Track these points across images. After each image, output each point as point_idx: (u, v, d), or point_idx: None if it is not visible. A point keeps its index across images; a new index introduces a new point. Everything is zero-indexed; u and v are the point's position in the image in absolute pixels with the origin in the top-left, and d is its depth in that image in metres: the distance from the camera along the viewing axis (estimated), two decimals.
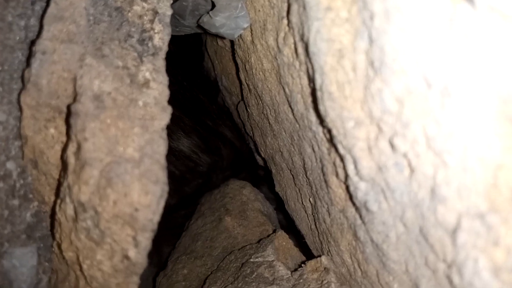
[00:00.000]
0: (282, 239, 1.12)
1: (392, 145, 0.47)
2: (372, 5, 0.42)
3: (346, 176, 0.61)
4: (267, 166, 1.35)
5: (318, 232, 0.96)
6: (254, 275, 0.96)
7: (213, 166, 1.51)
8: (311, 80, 0.63)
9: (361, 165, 0.54)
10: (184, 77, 1.55)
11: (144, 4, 0.76)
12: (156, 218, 0.58)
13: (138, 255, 0.59)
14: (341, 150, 0.57)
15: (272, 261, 0.99)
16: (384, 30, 0.42)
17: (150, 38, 0.75)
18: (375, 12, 0.42)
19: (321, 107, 0.57)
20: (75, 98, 0.59)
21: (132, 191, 0.57)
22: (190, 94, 1.53)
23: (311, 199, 0.94)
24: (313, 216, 0.96)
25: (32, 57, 0.59)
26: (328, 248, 0.91)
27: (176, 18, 1.03)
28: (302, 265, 0.96)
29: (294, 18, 0.63)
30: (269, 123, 1.05)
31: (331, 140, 0.59)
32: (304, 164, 0.89)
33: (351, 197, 0.63)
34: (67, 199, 0.59)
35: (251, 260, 1.04)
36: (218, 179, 1.56)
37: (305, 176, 0.92)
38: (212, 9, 0.91)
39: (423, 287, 0.54)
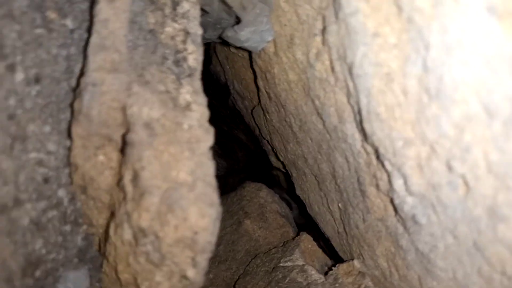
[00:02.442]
0: (308, 241, 1.15)
1: (448, 166, 0.49)
2: (428, 37, 0.45)
3: (391, 189, 0.63)
4: (285, 169, 1.38)
5: (348, 236, 0.99)
6: (287, 280, 0.99)
7: (230, 169, 1.53)
8: (352, 98, 0.65)
9: (411, 182, 0.56)
10: None
11: (175, 25, 0.78)
12: (214, 239, 0.61)
13: (197, 274, 0.62)
14: (388, 167, 0.59)
15: (303, 265, 1.02)
16: (442, 62, 0.44)
17: (185, 59, 0.76)
18: (431, 44, 0.44)
19: (366, 126, 0.59)
20: (128, 128, 0.61)
21: (191, 215, 0.59)
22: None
23: (340, 204, 0.96)
24: (342, 220, 0.99)
25: (83, 90, 0.60)
26: (359, 251, 0.94)
27: None
28: (333, 268, 0.99)
29: (332, 38, 0.65)
30: (292, 130, 1.07)
31: (377, 157, 0.62)
32: (334, 172, 0.91)
33: (395, 209, 0.66)
34: (125, 225, 0.61)
35: (281, 264, 1.07)
36: (235, 182, 1.58)
37: (334, 183, 0.95)
38: (237, 23, 0.93)
39: None
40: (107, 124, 0.63)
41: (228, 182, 1.57)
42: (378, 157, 0.61)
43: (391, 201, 0.66)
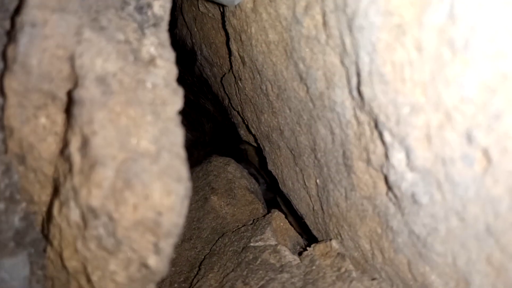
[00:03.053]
0: (280, 219, 1.08)
1: (468, 137, 0.41)
2: None
3: (386, 164, 0.55)
4: (256, 142, 1.29)
5: (324, 214, 0.92)
6: (258, 262, 0.91)
7: (195, 142, 1.42)
8: (347, 57, 0.56)
9: (415, 155, 0.48)
10: None
11: None
12: (181, 221, 0.51)
13: (160, 262, 0.51)
14: (388, 138, 0.51)
15: (276, 245, 0.94)
16: (479, 5, 0.35)
17: (149, 6, 0.64)
18: None
19: (365, 90, 0.51)
20: (76, 82, 0.48)
21: (154, 192, 0.48)
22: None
23: (318, 180, 0.89)
24: (319, 197, 0.91)
25: (19, 32, 0.47)
26: (338, 231, 0.87)
27: None
28: (308, 248, 0.92)
29: None
30: (268, 99, 0.97)
31: (375, 126, 0.53)
32: (314, 145, 0.83)
33: (388, 186, 0.58)
34: (71, 203, 0.50)
35: (251, 244, 0.99)
36: (200, 156, 1.48)
37: (313, 157, 0.87)
38: None
39: (477, 282, 0.51)
40: (50, 77, 0.50)
41: (193, 155, 1.45)
42: (376, 126, 0.53)
43: (385, 177, 0.58)
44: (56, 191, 0.54)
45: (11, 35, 0.50)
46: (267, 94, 0.96)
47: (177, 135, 0.54)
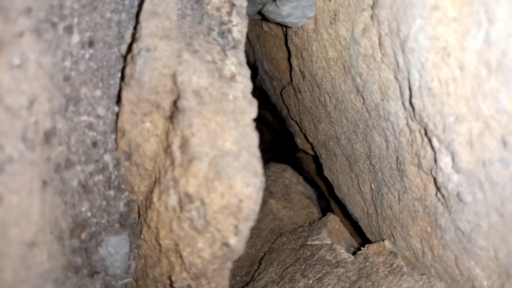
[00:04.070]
0: (335, 222, 1.16)
1: (503, 142, 0.49)
2: (494, 10, 0.44)
3: (435, 167, 0.63)
4: (312, 150, 1.38)
5: (378, 217, 0.99)
6: (315, 258, 1.00)
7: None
8: (400, 74, 0.64)
9: (459, 159, 0.56)
10: None
11: None
12: (257, 208, 0.61)
13: (238, 242, 0.63)
14: (436, 144, 0.59)
15: (332, 244, 1.03)
16: (508, 34, 0.43)
17: (229, 31, 0.76)
18: (497, 16, 0.44)
19: (416, 102, 0.59)
20: (178, 95, 0.61)
21: (236, 183, 0.60)
22: None
23: (373, 185, 0.96)
24: (373, 201, 0.99)
25: (137, 55, 0.61)
26: (390, 232, 0.94)
27: None
28: (362, 248, 1.00)
29: (384, 12, 0.64)
30: (326, 109, 1.06)
31: (425, 133, 0.61)
32: (369, 152, 0.91)
33: (437, 187, 0.66)
34: (171, 191, 0.62)
35: (309, 242, 1.08)
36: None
37: (368, 163, 0.95)
38: None
39: None
40: (157, 90, 0.64)
41: None
42: (426, 133, 0.61)
43: (434, 179, 0.66)
44: (155, 182, 0.67)
45: (128, 57, 0.64)
46: (325, 105, 1.05)
47: (253, 138, 0.65)
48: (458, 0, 0.50)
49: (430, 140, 0.60)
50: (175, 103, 0.61)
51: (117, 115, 0.67)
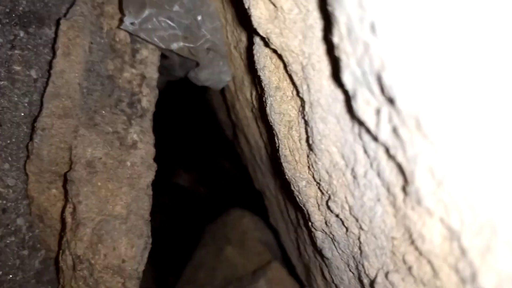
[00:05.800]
0: (276, 270, 1.20)
1: (328, 207, 0.55)
2: (303, 95, 0.51)
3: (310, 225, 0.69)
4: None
5: (302, 265, 1.04)
6: None
7: (212, 196, 1.60)
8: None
9: (314, 218, 0.62)
10: (186, 108, 1.66)
11: (133, 70, 0.87)
12: (141, 267, 0.68)
13: None
14: (300, 204, 0.65)
15: None
16: (312, 117, 0.50)
17: (139, 101, 0.85)
18: (306, 100, 0.51)
19: (283, 164, 0.66)
20: (70, 166, 0.69)
21: (120, 245, 0.66)
22: (192, 127, 1.65)
23: (293, 235, 1.02)
24: (298, 249, 1.04)
25: (34, 133, 0.69)
26: (310, 281, 0.98)
27: (168, 70, 1.14)
28: None
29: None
30: (257, 162, 1.13)
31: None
32: (285, 204, 0.97)
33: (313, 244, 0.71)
34: (67, 252, 0.69)
35: None
36: (218, 208, 1.65)
37: (287, 214, 1.01)
38: (198, 65, 1.02)
39: None
40: (56, 162, 0.72)
41: (210, 208, 1.63)
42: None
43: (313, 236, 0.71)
44: (60, 242, 0.74)
45: (32, 134, 0.73)
46: (255, 157, 1.13)
47: (144, 201, 0.72)
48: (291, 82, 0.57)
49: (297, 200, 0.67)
50: (65, 174, 0.69)
51: (27, 184, 0.75)
